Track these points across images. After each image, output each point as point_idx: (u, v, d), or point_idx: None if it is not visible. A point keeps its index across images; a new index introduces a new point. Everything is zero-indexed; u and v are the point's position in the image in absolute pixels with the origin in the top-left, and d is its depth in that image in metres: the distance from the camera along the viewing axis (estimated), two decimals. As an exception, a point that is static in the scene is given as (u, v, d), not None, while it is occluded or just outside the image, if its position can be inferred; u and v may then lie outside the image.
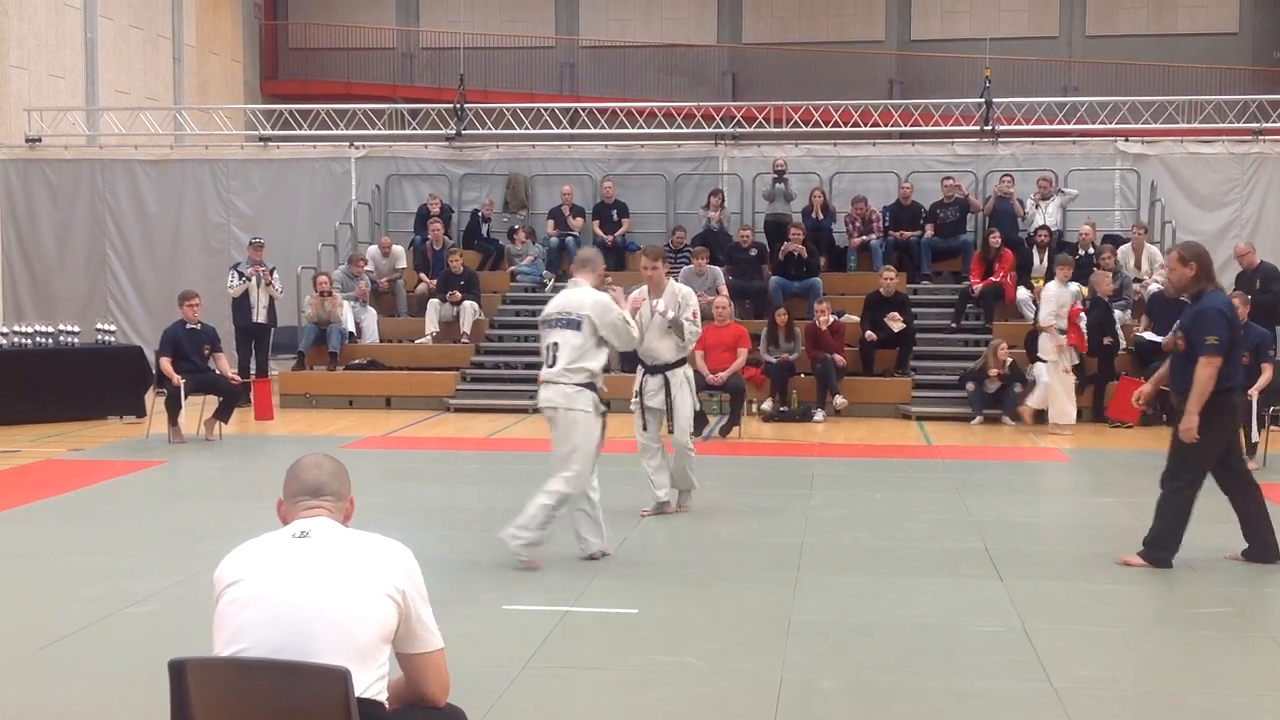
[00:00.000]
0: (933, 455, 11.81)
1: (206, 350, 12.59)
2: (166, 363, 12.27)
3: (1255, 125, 18.01)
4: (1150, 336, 14.09)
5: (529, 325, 14.84)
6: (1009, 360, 13.99)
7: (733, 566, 7.14)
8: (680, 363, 8.49)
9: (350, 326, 16.26)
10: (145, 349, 14.97)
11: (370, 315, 16.71)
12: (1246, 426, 9.66)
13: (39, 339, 14.19)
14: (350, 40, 28.17)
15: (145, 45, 23.06)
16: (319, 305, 15.97)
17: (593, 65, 27.94)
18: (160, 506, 9.21)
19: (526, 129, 19.47)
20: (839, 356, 14.45)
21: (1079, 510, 9.25)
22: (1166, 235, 16.68)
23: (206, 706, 2.93)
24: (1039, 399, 13.48)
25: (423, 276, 17.27)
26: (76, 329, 14.63)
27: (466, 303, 16.42)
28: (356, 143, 19.05)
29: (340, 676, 2.84)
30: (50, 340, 14.24)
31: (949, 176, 17.22)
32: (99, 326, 14.94)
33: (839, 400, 14.36)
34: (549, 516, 6.97)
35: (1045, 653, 5.45)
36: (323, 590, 2.98)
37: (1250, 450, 9.92)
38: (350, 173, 18.81)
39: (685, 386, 8.48)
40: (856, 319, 15.21)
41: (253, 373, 15.29)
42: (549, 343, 7.15)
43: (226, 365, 12.98)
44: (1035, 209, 16.77)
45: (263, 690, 2.90)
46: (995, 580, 6.78)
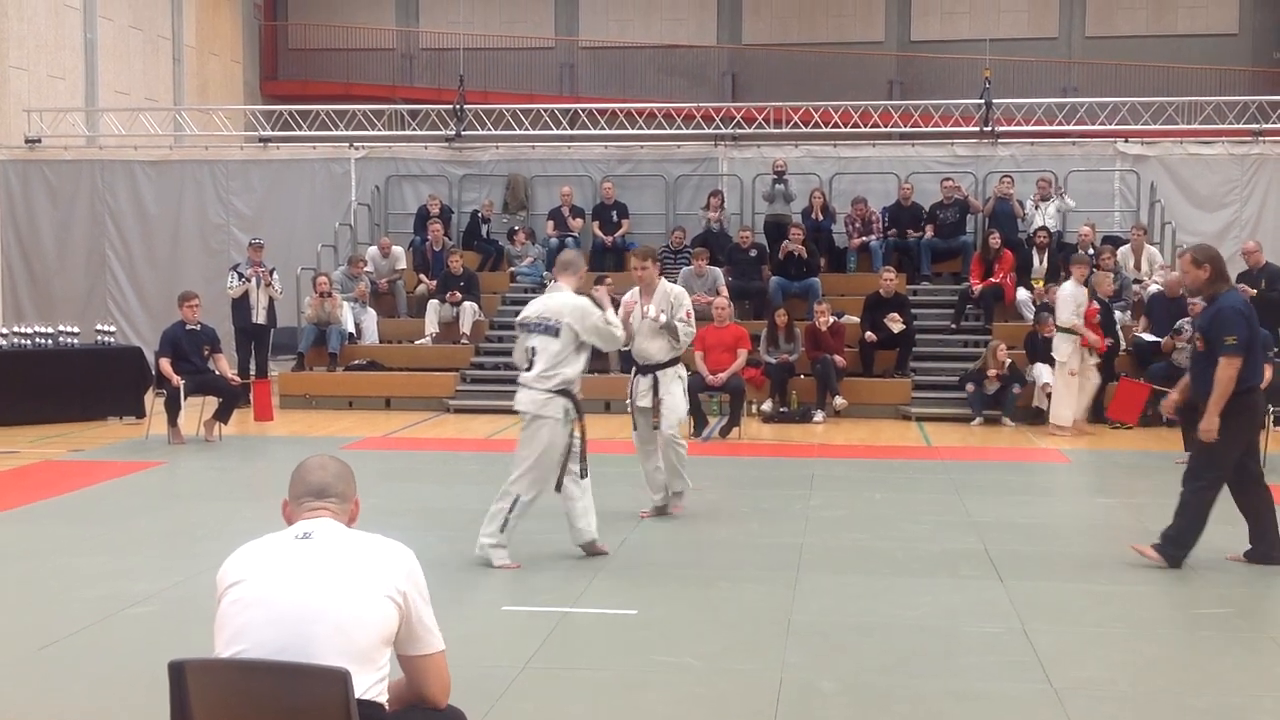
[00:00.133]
0: (932, 456, 11.81)
1: (206, 351, 12.59)
2: (166, 363, 12.27)
3: (1255, 126, 18.01)
4: (1149, 337, 14.09)
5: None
6: (1008, 361, 13.99)
7: (732, 567, 7.14)
8: (673, 362, 8.45)
9: (350, 327, 16.26)
10: (145, 350, 14.97)
11: (370, 316, 16.71)
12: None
13: (38, 340, 14.18)
14: (350, 41, 28.17)
15: (145, 46, 23.06)
16: (319, 306, 15.97)
17: (592, 66, 27.94)
18: (160, 507, 9.21)
19: (526, 130, 19.48)
20: (839, 357, 14.45)
21: (1079, 511, 9.25)
22: (1166, 236, 16.69)
23: (206, 707, 2.93)
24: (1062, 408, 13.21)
25: (422, 277, 17.27)
26: (76, 330, 14.63)
27: (466, 304, 16.42)
28: (356, 143, 19.05)
29: (340, 678, 2.84)
30: (50, 341, 14.24)
31: (948, 177, 17.22)
32: (98, 327, 14.94)
33: (839, 401, 14.35)
34: (505, 520, 7.01)
35: (1045, 653, 5.45)
36: (324, 592, 2.98)
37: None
38: (350, 173, 18.82)
39: (676, 384, 8.43)
40: (856, 320, 15.21)
41: (252, 374, 15.29)
42: (527, 346, 7.17)
43: (226, 366, 12.97)
44: (1035, 210, 16.77)
45: (263, 691, 2.90)
46: (995, 581, 6.78)
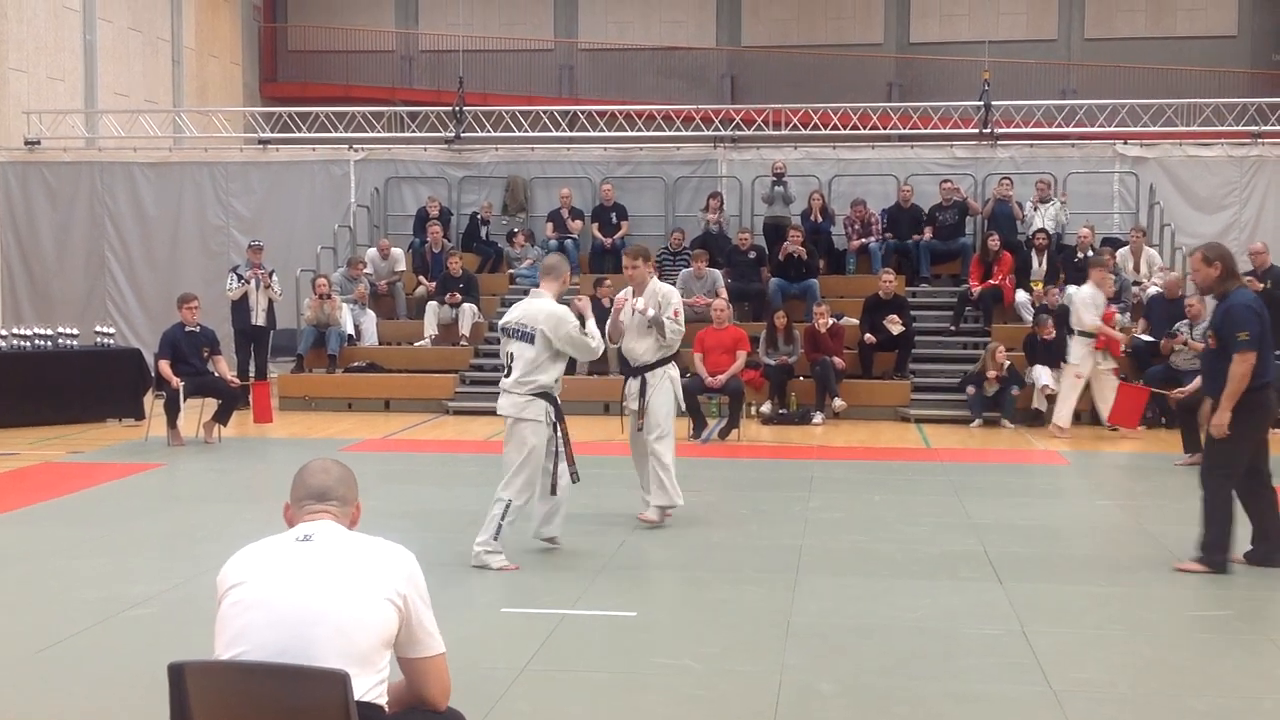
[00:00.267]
0: (932, 458, 11.81)
1: (205, 353, 12.59)
2: (165, 365, 12.27)
3: (1254, 128, 18.02)
4: (1147, 338, 14.09)
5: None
6: (1007, 363, 13.99)
7: (731, 569, 7.14)
8: (662, 363, 8.31)
9: (349, 329, 16.26)
10: (144, 351, 14.97)
11: (369, 318, 16.71)
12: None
13: (38, 341, 14.18)
14: (349, 43, 28.18)
15: (144, 48, 23.07)
16: (318, 308, 15.98)
17: (592, 68, 27.95)
18: (159, 509, 9.20)
19: (525, 132, 19.49)
20: (838, 359, 14.44)
21: (1078, 513, 9.25)
22: (1165, 238, 16.69)
23: (206, 709, 2.93)
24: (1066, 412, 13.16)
25: (422, 279, 17.27)
26: (75, 331, 14.63)
27: (465, 305, 16.42)
28: (355, 145, 19.05)
29: (340, 680, 2.84)
30: (49, 343, 14.24)
31: (947, 179, 17.23)
32: (98, 329, 14.94)
33: (838, 403, 14.35)
34: (498, 526, 7.02)
35: (1044, 655, 5.45)
36: (324, 594, 2.98)
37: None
38: (349, 175, 18.82)
39: (665, 386, 8.26)
40: (855, 322, 15.21)
41: (252, 375, 15.27)
42: (506, 351, 7.27)
43: (225, 368, 12.97)
44: (1034, 212, 16.78)
45: (262, 693, 2.90)
46: (994, 583, 6.78)
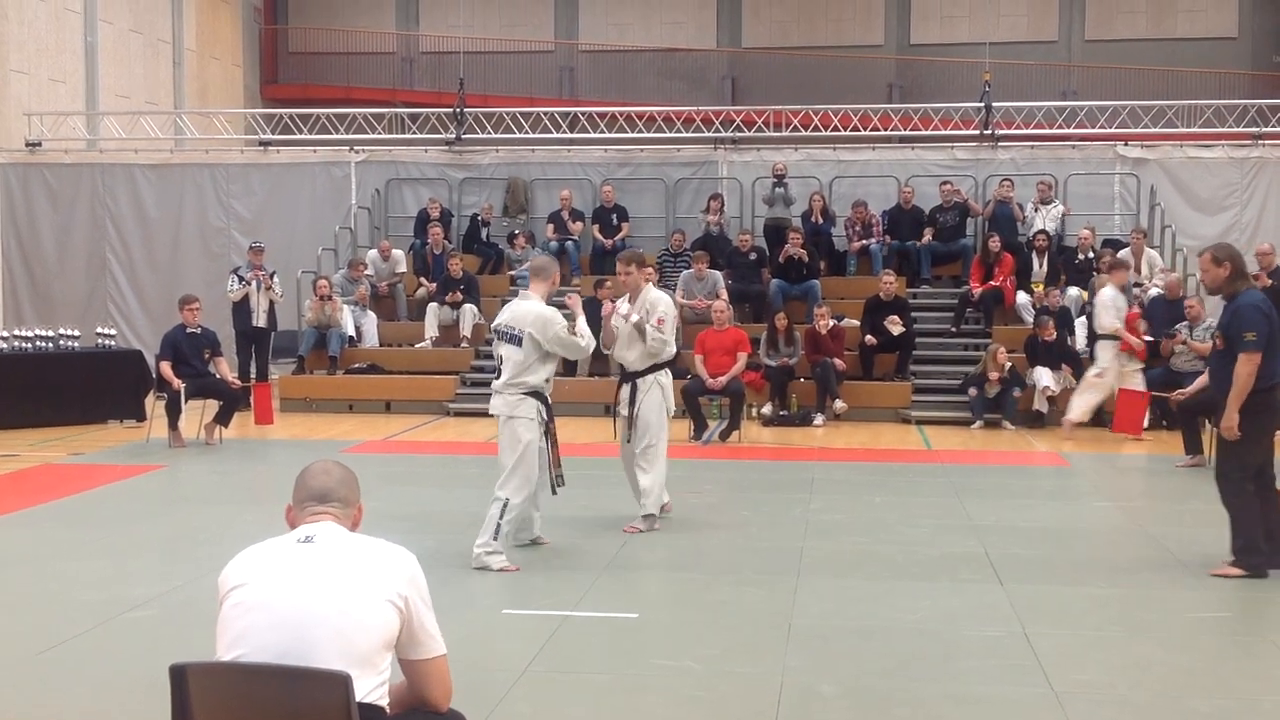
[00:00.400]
0: (932, 459, 11.81)
1: (207, 354, 12.60)
2: (166, 367, 12.28)
3: (1255, 130, 18.01)
4: (1148, 339, 14.06)
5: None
6: (1008, 365, 13.99)
7: (732, 571, 7.14)
8: (654, 369, 8.16)
9: (350, 330, 16.27)
10: (145, 353, 14.96)
11: (370, 319, 16.72)
12: None
13: (39, 343, 14.19)
14: (350, 45, 28.19)
15: (145, 50, 23.08)
16: (319, 309, 15.98)
17: (592, 69, 27.95)
18: (160, 511, 9.20)
19: (526, 133, 19.49)
20: (839, 361, 14.44)
21: (1079, 515, 9.25)
22: (1166, 240, 16.69)
23: (208, 711, 2.93)
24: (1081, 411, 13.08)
25: (422, 280, 17.28)
26: (76, 333, 14.63)
27: (466, 306, 16.42)
28: (356, 147, 19.06)
29: (341, 681, 2.84)
30: (50, 344, 14.24)
31: (947, 181, 17.23)
32: (99, 330, 14.94)
33: (839, 404, 14.35)
34: (497, 527, 7.04)
35: (1045, 657, 5.45)
36: (325, 596, 2.98)
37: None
38: (350, 177, 18.83)
39: (654, 394, 8.10)
40: (856, 323, 15.21)
41: (253, 377, 15.28)
42: (497, 354, 7.35)
43: (227, 369, 12.98)
44: (1035, 213, 16.79)
45: (264, 695, 2.90)
46: (995, 585, 6.79)
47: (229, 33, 26.27)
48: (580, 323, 7.39)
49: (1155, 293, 14.71)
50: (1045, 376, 13.91)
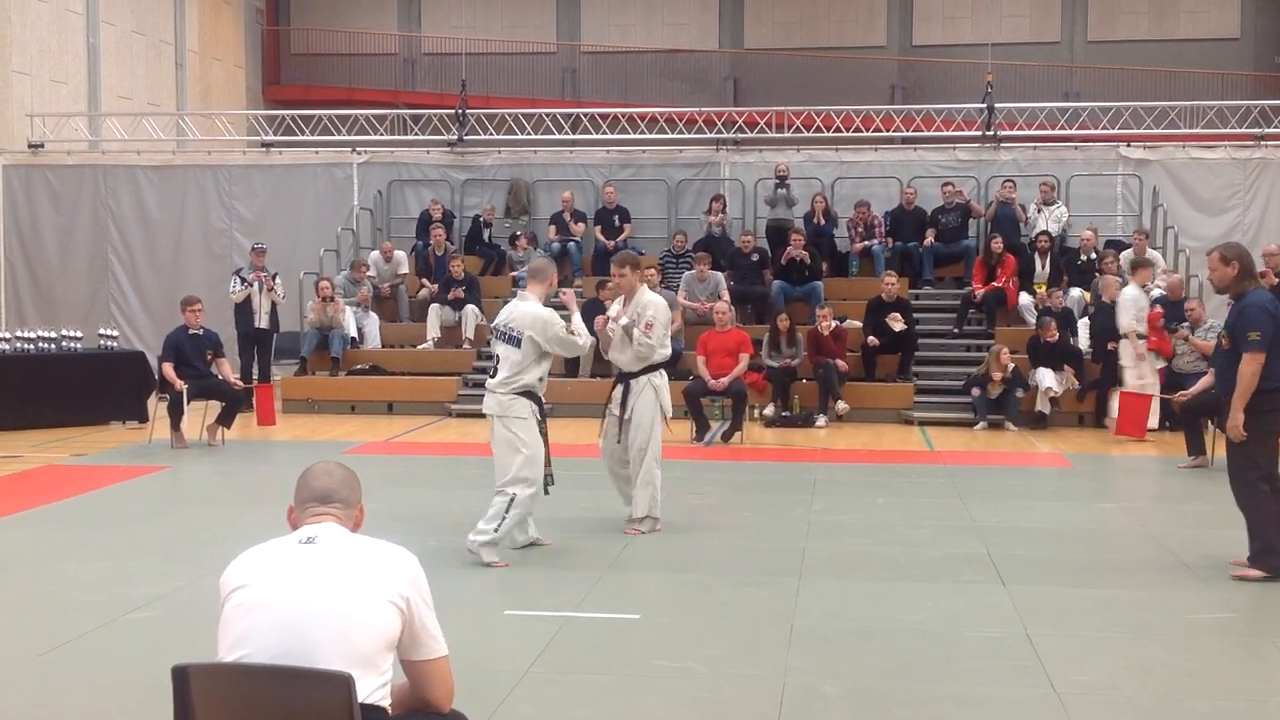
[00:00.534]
0: (935, 460, 11.81)
1: (209, 355, 12.60)
2: (169, 368, 12.28)
3: (1257, 130, 18.00)
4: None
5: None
6: (1011, 365, 13.98)
7: (735, 572, 7.14)
8: (646, 371, 8.04)
9: (352, 332, 16.28)
10: (148, 354, 14.95)
11: (372, 320, 16.73)
12: None
13: (41, 344, 14.19)
14: (352, 46, 28.21)
15: (147, 51, 23.09)
16: (321, 310, 15.99)
17: (594, 70, 27.97)
18: (162, 512, 9.20)
19: (528, 134, 19.49)
20: (841, 361, 14.44)
21: (1081, 516, 9.24)
22: (1169, 241, 16.68)
23: (209, 712, 2.93)
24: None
25: (425, 282, 17.28)
26: (79, 334, 14.63)
27: (468, 308, 16.42)
28: (358, 148, 19.07)
29: (343, 682, 2.84)
30: (52, 345, 14.25)
31: (949, 182, 17.23)
32: (101, 331, 14.94)
33: (841, 405, 14.35)
34: (502, 518, 7.11)
35: (1047, 658, 5.45)
36: (326, 596, 2.98)
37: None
38: (352, 178, 18.83)
39: (647, 395, 7.96)
40: (859, 324, 15.21)
41: (255, 378, 15.28)
42: (494, 353, 7.44)
43: (229, 370, 12.98)
44: (1037, 214, 16.78)
45: (266, 696, 2.90)
46: (998, 585, 6.78)
47: (231, 34, 26.28)
48: (576, 319, 7.45)
49: (1157, 294, 14.71)
50: (1048, 377, 13.91)
